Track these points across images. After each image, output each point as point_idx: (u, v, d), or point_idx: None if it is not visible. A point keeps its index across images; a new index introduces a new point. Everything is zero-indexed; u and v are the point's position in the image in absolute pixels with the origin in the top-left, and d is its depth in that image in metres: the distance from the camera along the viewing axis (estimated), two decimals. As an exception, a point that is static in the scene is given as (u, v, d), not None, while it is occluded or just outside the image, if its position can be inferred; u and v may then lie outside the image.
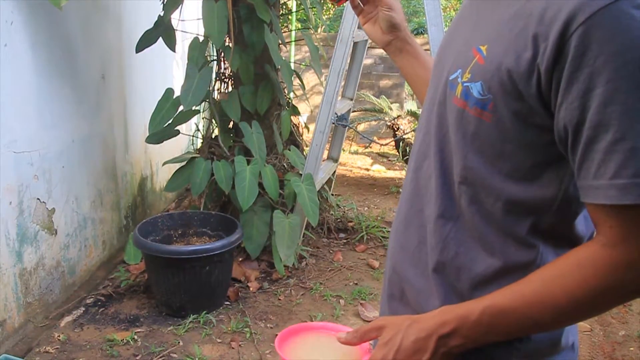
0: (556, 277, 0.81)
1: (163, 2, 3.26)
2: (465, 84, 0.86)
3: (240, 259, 3.43)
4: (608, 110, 0.73)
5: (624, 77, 0.72)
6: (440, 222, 0.94)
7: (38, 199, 2.75)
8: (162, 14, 3.21)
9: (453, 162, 0.91)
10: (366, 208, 4.85)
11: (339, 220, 4.25)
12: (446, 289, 0.94)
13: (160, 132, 3.18)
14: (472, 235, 0.91)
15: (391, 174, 6.06)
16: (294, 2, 5.65)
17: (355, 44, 3.83)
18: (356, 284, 3.39)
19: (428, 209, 0.96)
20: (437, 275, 0.95)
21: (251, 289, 3.22)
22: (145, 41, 3.22)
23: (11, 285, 2.58)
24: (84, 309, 2.95)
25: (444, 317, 0.87)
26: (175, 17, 3.26)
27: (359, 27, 3.69)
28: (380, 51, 7.42)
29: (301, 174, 3.45)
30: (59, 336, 2.68)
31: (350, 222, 4.27)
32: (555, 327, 0.90)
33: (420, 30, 11.42)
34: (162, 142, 3.26)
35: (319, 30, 7.25)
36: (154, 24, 3.23)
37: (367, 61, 7.19)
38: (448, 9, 13.57)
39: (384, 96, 6.73)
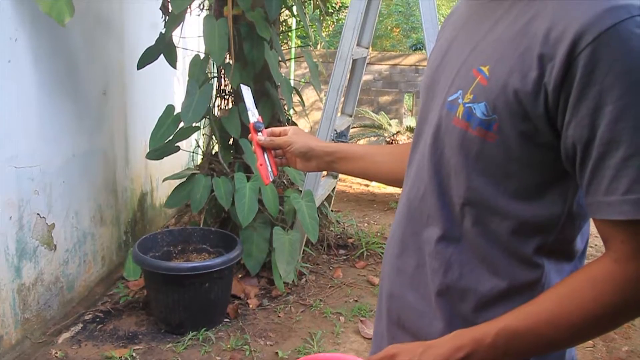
0: (570, 295, 0.81)
1: (165, 20, 3.29)
2: (467, 105, 0.86)
3: (240, 276, 3.42)
4: (619, 126, 0.73)
5: (634, 94, 0.73)
6: (441, 244, 0.93)
7: (38, 214, 2.76)
8: (163, 31, 3.23)
9: (452, 183, 0.91)
10: (366, 224, 4.84)
11: (338, 236, 4.25)
12: (450, 312, 0.94)
13: (161, 148, 3.19)
14: (476, 257, 0.91)
15: (390, 189, 6.05)
16: (294, 19, 5.68)
17: (354, 61, 3.85)
18: (356, 300, 3.38)
19: (426, 231, 0.96)
20: (440, 299, 0.94)
21: (251, 306, 3.21)
22: (147, 58, 3.24)
23: (9, 301, 2.57)
24: (82, 325, 2.94)
25: (458, 342, 0.86)
26: (176, 35, 3.27)
27: (357, 45, 3.72)
28: (379, 67, 7.45)
29: (301, 191, 3.45)
30: (56, 353, 2.67)
31: (350, 238, 4.26)
32: (571, 345, 0.90)
33: (419, 47, 11.48)
34: (162, 158, 3.27)
35: (319, 46, 7.29)
36: (156, 41, 3.25)
37: (367, 77, 7.22)
38: (443, 7, 13.62)
39: (383, 112, 6.76)
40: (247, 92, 1.42)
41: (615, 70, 0.73)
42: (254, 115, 1.35)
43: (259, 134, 1.31)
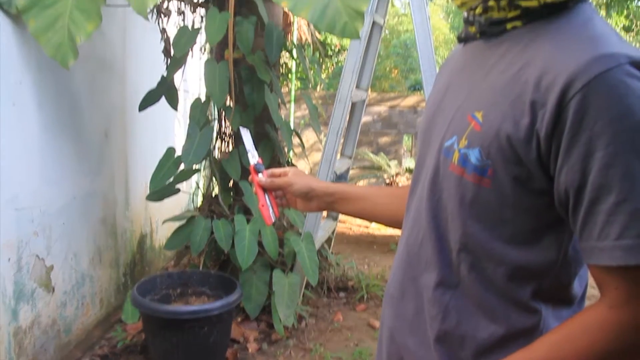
0: (564, 341, 0.81)
1: (167, 63, 3.33)
2: (462, 151, 0.87)
3: (239, 319, 3.39)
4: (609, 172, 0.74)
5: (623, 141, 0.74)
6: (439, 290, 0.94)
7: (37, 255, 2.74)
8: (165, 74, 3.27)
9: (449, 229, 0.92)
10: (366, 266, 4.82)
11: (338, 279, 4.22)
12: (449, 358, 0.93)
13: (161, 190, 3.20)
14: (473, 303, 0.91)
15: (390, 231, 6.04)
16: (294, 62, 5.76)
17: (353, 103, 3.89)
18: (357, 344, 3.35)
19: (424, 277, 0.96)
20: (439, 345, 0.94)
21: (250, 350, 3.17)
22: (149, 100, 3.27)
23: (4, 345, 2.54)
24: (79, 369, 2.90)
25: None
26: (177, 77, 3.31)
27: (357, 87, 3.76)
28: (378, 109, 7.52)
29: (301, 233, 3.44)
30: (52, 398, 2.63)
31: (350, 280, 4.23)
32: None
33: (417, 87, 11.61)
34: (162, 199, 3.27)
35: (318, 88, 7.37)
36: (157, 84, 3.28)
37: (366, 118, 7.27)
38: (440, 49, 13.77)
39: (382, 153, 6.79)
40: (246, 135, 1.44)
41: (604, 117, 0.74)
42: (254, 157, 1.36)
43: (260, 175, 1.33)
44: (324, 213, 4.24)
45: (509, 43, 0.89)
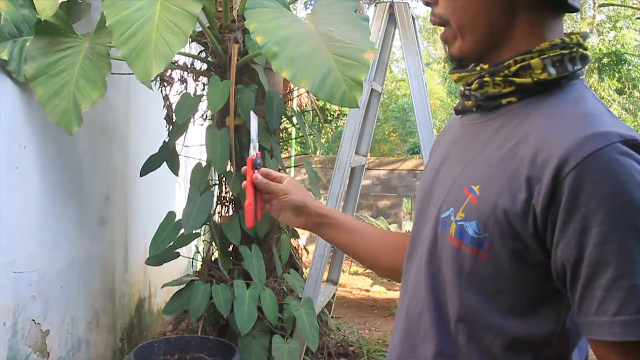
0: None
1: (168, 129, 3.38)
2: (459, 223, 0.89)
3: (237, 386, 3.32)
4: (605, 248, 0.76)
5: (618, 218, 0.76)
6: None
7: (33, 320, 2.72)
8: (167, 140, 3.31)
9: (447, 299, 0.92)
10: (367, 331, 4.76)
11: (339, 344, 4.16)
12: None
13: (161, 254, 3.19)
14: None
15: (392, 294, 6.00)
16: (294, 128, 5.84)
17: (352, 168, 3.93)
18: (356, 412, 3.28)
19: (423, 347, 0.96)
20: None
21: (248, 418, 3.10)
22: (150, 165, 3.31)
23: (-1, 414, 2.49)
24: None
25: None
26: (179, 143, 3.36)
27: (356, 153, 3.81)
28: (377, 172, 7.58)
29: (301, 298, 3.42)
30: None
31: (351, 346, 4.17)
32: None
33: (416, 150, 11.72)
34: (162, 264, 3.26)
35: (318, 152, 7.44)
36: (159, 149, 3.33)
37: (365, 182, 7.32)
38: (438, 112, 13.92)
39: (382, 217, 6.81)
40: (254, 122, 1.37)
41: (599, 194, 0.76)
42: (254, 149, 1.30)
43: (256, 172, 1.26)
44: (325, 276, 4.21)
45: (504, 118, 0.92)
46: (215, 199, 3.51)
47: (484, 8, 0.91)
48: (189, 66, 3.36)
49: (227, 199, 3.58)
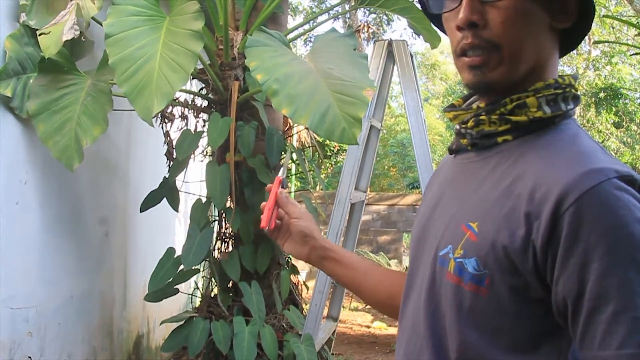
0: None
1: (169, 165, 3.40)
2: (458, 260, 0.89)
3: None
4: (606, 282, 0.77)
5: (618, 251, 0.77)
6: None
7: (29, 357, 2.69)
8: (167, 176, 3.33)
9: (447, 337, 0.92)
10: (367, 368, 4.72)
11: (338, 381, 4.12)
12: None
13: (160, 290, 3.18)
14: None
15: (393, 330, 5.95)
16: (293, 164, 5.87)
17: (352, 204, 3.94)
18: None
19: None
20: None
21: None
22: (150, 201, 3.31)
23: None
24: None
25: None
26: (179, 179, 3.37)
27: (355, 189, 3.82)
28: (377, 207, 7.59)
29: (301, 334, 3.40)
30: None
31: (351, 383, 4.13)
32: None
33: (416, 185, 11.74)
34: (161, 300, 3.24)
35: (317, 188, 7.46)
36: (159, 185, 3.33)
37: (365, 217, 7.32)
38: (437, 147, 13.96)
39: (382, 252, 6.79)
40: (287, 156, 1.43)
41: (598, 229, 0.77)
42: (283, 173, 1.36)
43: (281, 189, 1.31)
44: (325, 312, 4.18)
45: (500, 156, 0.93)
46: (215, 235, 3.51)
47: (537, 41, 0.92)
48: (190, 103, 3.39)
49: (227, 235, 3.58)
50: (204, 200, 3.31)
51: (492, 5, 0.90)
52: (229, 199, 3.24)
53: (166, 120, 3.38)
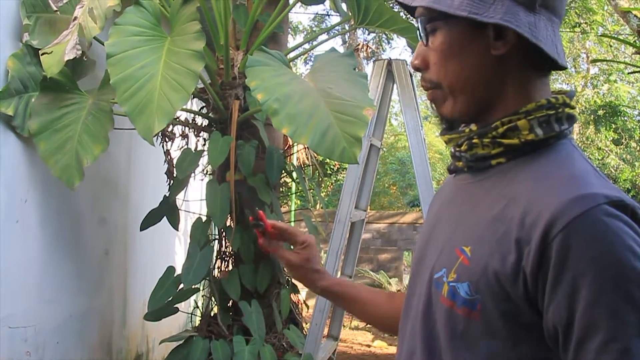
0: None
1: (169, 184, 3.40)
2: (451, 284, 0.90)
3: None
4: (595, 311, 0.77)
5: (606, 280, 0.77)
6: None
7: (28, 377, 2.68)
8: (167, 194, 3.33)
9: (443, 359, 0.92)
10: (367, 388, 4.68)
11: (338, 401, 4.09)
12: None
13: (160, 309, 3.17)
14: None
15: (393, 349, 5.91)
16: (293, 183, 5.88)
17: (352, 223, 3.94)
18: None
19: None
20: None
21: None
22: (150, 219, 3.31)
23: None
24: None
25: None
26: (180, 198, 3.38)
27: (356, 208, 3.82)
28: (378, 226, 7.58)
29: (301, 354, 3.38)
30: None
31: (351, 403, 4.10)
32: None
33: (416, 203, 11.74)
34: (161, 319, 3.23)
35: (317, 206, 7.46)
36: (160, 204, 3.33)
37: (365, 236, 7.32)
38: (437, 165, 13.96)
39: (382, 271, 6.77)
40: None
41: (586, 256, 0.77)
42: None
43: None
44: (325, 331, 4.17)
45: (494, 179, 0.94)
46: (215, 254, 3.50)
47: (476, 71, 0.93)
48: (191, 122, 3.41)
49: (227, 253, 3.58)
50: (204, 219, 3.31)
51: (429, 48, 0.95)
52: (229, 217, 3.25)
53: (167, 139, 3.39)
